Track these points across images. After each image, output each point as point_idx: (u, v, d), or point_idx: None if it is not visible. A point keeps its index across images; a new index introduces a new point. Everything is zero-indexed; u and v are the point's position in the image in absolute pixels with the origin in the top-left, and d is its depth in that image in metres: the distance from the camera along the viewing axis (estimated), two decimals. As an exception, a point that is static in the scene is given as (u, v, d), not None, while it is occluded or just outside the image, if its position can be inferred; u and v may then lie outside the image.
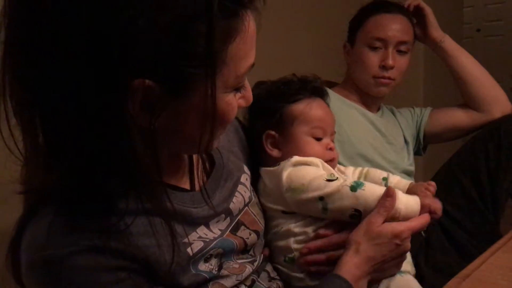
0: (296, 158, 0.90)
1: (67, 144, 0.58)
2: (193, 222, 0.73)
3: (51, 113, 0.57)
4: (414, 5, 1.44)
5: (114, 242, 0.62)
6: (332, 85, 1.52)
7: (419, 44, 1.52)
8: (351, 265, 0.78)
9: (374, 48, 1.36)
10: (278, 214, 0.91)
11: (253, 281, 0.81)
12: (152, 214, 0.65)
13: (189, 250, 0.70)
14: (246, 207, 0.86)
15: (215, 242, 0.75)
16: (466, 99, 1.48)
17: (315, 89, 0.98)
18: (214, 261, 0.74)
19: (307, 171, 0.87)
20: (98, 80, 0.53)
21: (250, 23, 0.61)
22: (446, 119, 1.51)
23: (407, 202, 0.81)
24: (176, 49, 0.55)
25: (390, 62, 1.34)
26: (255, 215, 0.87)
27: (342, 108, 1.39)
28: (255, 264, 0.83)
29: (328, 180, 0.84)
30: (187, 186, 0.78)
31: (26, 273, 0.62)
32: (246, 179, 0.89)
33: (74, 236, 0.60)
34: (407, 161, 1.47)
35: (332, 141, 0.98)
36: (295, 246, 0.88)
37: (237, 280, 0.77)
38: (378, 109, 1.51)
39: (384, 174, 1.03)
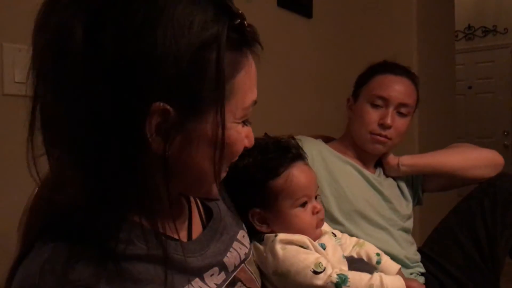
0: (281, 237, 0.90)
1: (84, 164, 0.60)
2: (187, 273, 0.71)
3: (75, 134, 0.59)
4: None
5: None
6: (328, 140, 1.53)
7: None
8: None
9: (375, 106, 1.37)
10: None
11: None
12: (149, 261, 0.65)
13: None
14: (243, 264, 0.84)
15: None
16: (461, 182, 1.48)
17: (294, 156, 0.95)
18: None
19: (295, 257, 0.88)
20: (119, 104, 0.57)
21: (252, 61, 0.67)
22: (442, 181, 1.51)
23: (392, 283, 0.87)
24: (190, 73, 0.59)
25: (388, 121, 1.35)
26: (252, 273, 0.86)
27: (338, 164, 1.40)
28: None
29: (315, 273, 0.86)
30: (183, 237, 0.77)
31: None
32: (243, 236, 0.88)
33: (64, 280, 0.58)
34: (405, 218, 1.45)
35: (316, 197, 0.97)
36: None
37: None
38: (375, 169, 1.50)
39: (377, 250, 1.06)
